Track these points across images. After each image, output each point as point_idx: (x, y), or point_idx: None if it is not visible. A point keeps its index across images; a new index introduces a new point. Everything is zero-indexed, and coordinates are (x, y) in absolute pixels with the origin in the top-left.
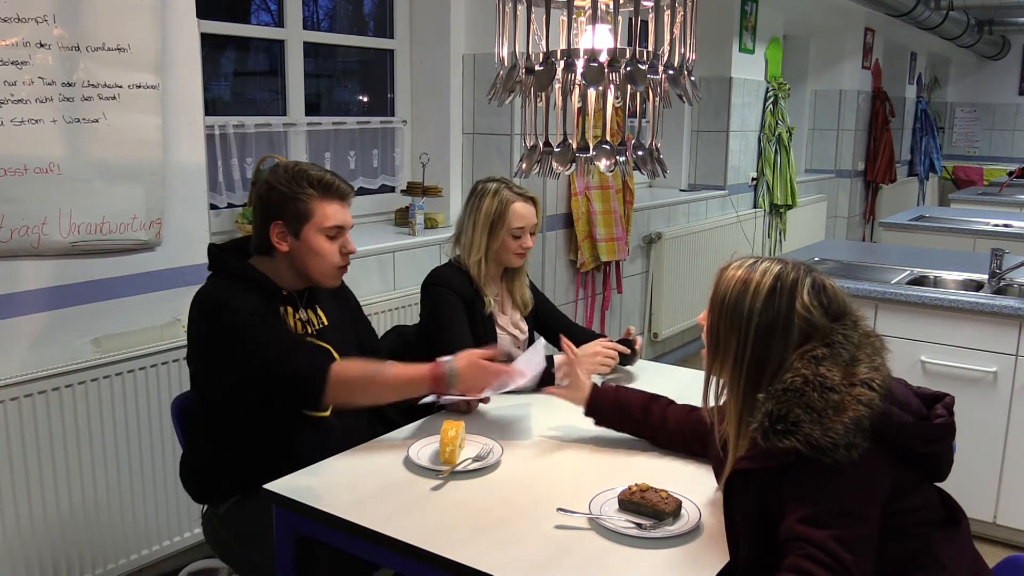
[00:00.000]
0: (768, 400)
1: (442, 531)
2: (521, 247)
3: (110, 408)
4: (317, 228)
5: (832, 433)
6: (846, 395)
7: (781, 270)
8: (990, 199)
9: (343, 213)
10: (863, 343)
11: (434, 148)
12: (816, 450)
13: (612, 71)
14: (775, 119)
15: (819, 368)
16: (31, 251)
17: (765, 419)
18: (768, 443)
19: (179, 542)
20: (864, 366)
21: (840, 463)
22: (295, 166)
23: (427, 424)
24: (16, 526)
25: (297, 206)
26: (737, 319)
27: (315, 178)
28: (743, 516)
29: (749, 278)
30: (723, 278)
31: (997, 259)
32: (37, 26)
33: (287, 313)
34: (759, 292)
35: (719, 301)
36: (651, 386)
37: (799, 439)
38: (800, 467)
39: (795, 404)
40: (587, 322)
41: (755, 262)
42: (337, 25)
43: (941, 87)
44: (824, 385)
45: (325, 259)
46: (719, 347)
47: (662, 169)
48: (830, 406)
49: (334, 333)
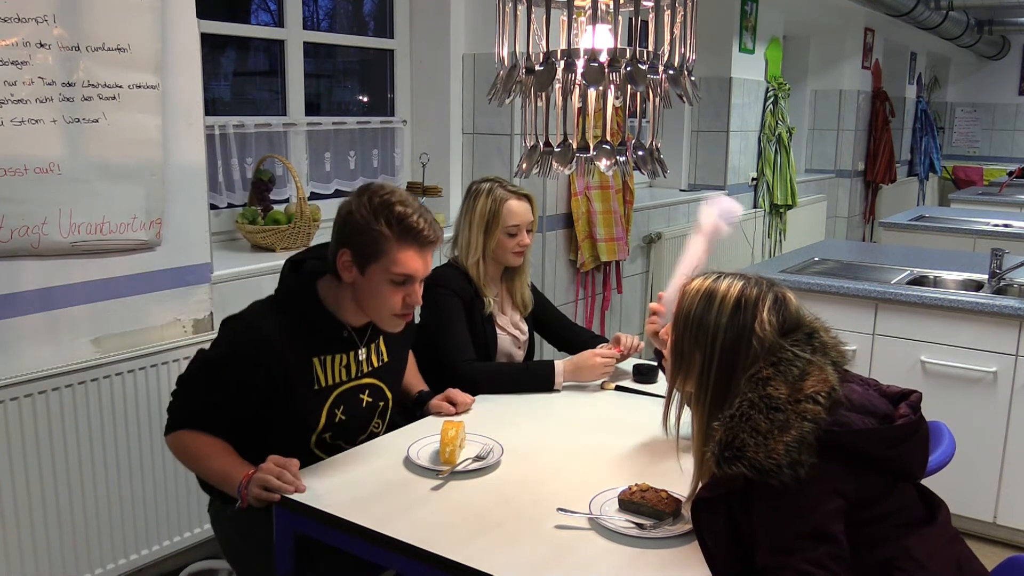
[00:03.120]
0: (720, 427)
1: (442, 531)
2: (519, 245)
3: (110, 408)
4: (384, 270)
5: (774, 455)
6: (791, 413)
7: (745, 285)
8: (990, 199)
9: (417, 262)
10: (816, 355)
11: (434, 148)
12: (761, 473)
13: (612, 71)
14: (775, 119)
15: (765, 389)
16: (31, 251)
17: (716, 446)
18: (720, 470)
19: (179, 542)
20: (812, 379)
21: (787, 484)
22: (385, 194)
23: (427, 424)
24: (16, 526)
25: (369, 240)
26: (702, 334)
27: (397, 216)
28: (714, 540)
29: (714, 292)
30: (687, 292)
31: (997, 259)
32: (37, 26)
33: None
34: (724, 306)
35: (683, 315)
36: (650, 386)
37: (744, 464)
38: (754, 492)
39: (740, 429)
40: (587, 322)
41: (719, 276)
42: (337, 25)
43: (941, 87)
44: (770, 406)
45: (384, 304)
46: (683, 362)
47: (662, 169)
48: (776, 426)
49: (391, 372)
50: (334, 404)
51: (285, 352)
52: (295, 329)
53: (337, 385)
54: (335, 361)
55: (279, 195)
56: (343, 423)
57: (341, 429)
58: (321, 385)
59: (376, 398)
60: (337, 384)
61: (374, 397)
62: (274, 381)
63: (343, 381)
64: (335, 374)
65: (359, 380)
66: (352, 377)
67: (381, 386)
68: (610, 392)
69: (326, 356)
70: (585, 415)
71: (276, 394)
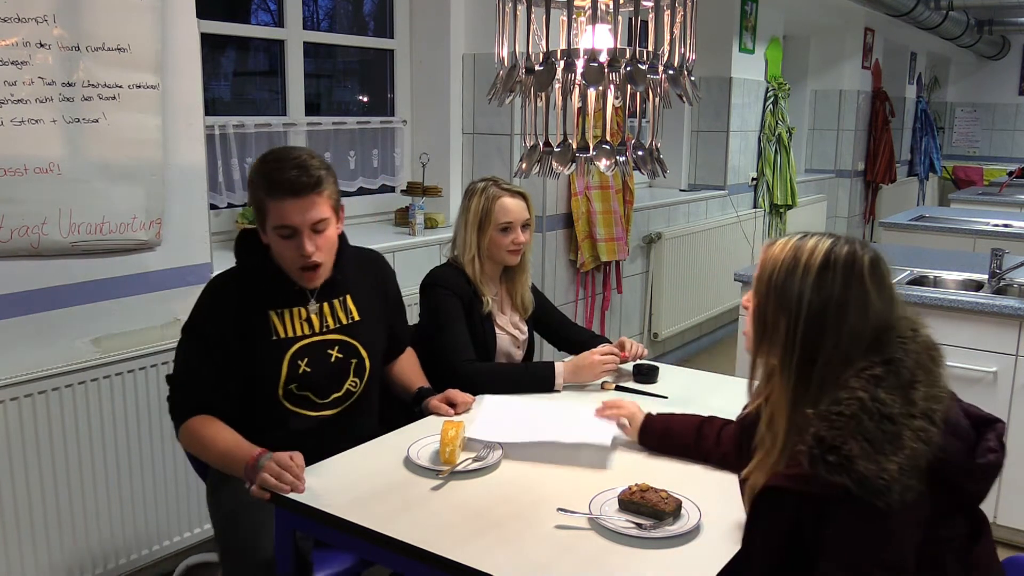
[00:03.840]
0: (819, 421)
1: (442, 531)
2: (513, 243)
3: (110, 408)
4: (272, 227)
5: (886, 474)
6: (904, 428)
7: (834, 243)
8: (990, 199)
9: (293, 212)
10: (921, 358)
11: (434, 148)
12: (869, 492)
13: (612, 71)
14: (775, 119)
15: (878, 391)
16: (31, 251)
17: (816, 445)
18: (815, 471)
19: (179, 542)
20: (922, 389)
21: (892, 507)
22: (267, 156)
23: (427, 424)
24: (16, 526)
25: (255, 202)
26: (787, 299)
27: (266, 172)
28: (763, 539)
29: (798, 254)
30: (769, 255)
31: (997, 259)
32: (37, 26)
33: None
34: (810, 269)
35: (766, 279)
36: (651, 386)
37: (852, 477)
38: (845, 504)
39: (850, 435)
40: (587, 322)
41: (804, 235)
42: (337, 25)
43: (941, 87)
44: (882, 413)
45: (284, 259)
46: (766, 330)
47: (662, 169)
48: (887, 440)
49: (365, 329)
50: (296, 356)
51: (243, 305)
52: (250, 285)
53: (299, 338)
54: (293, 315)
55: None
56: (308, 375)
57: (306, 380)
58: (280, 336)
59: (348, 355)
60: (298, 337)
61: (345, 354)
62: (239, 330)
63: (305, 335)
64: (294, 327)
65: (325, 335)
66: (316, 331)
67: (354, 344)
68: (610, 392)
69: (282, 310)
70: (585, 415)
71: (242, 343)
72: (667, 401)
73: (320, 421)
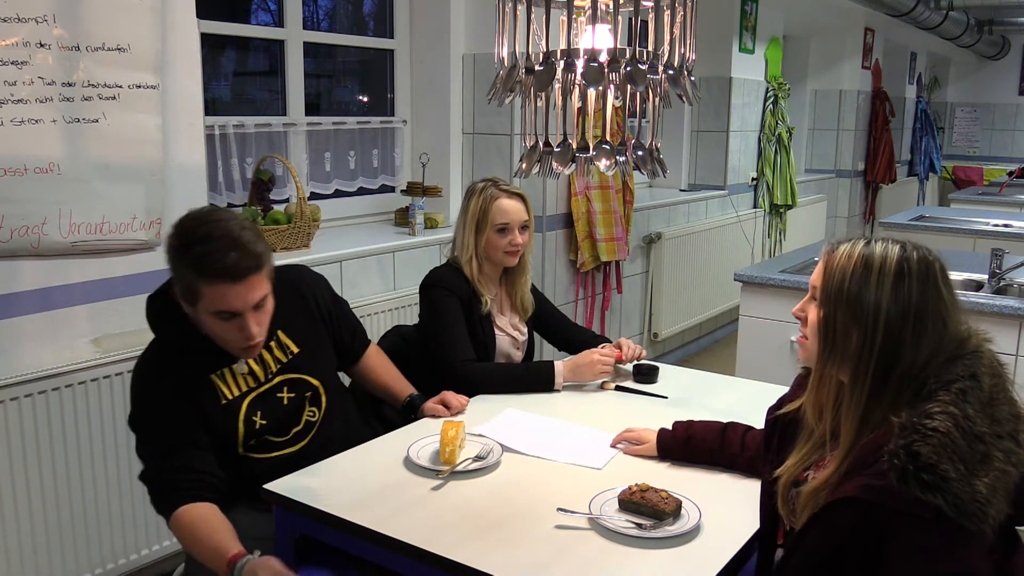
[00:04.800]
0: (909, 432)
1: (442, 531)
2: (510, 244)
3: (110, 408)
4: (206, 309)
5: (980, 497)
6: (993, 447)
7: (903, 250)
8: (990, 199)
9: (233, 296)
10: (996, 371)
11: (434, 148)
12: (964, 516)
13: (612, 71)
14: (775, 119)
15: (966, 408)
16: (31, 251)
17: (909, 461)
18: (902, 486)
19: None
20: (1003, 408)
21: (982, 531)
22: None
23: (427, 424)
24: (16, 526)
25: (183, 282)
26: (861, 310)
27: (197, 256)
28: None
29: (869, 262)
30: (834, 264)
31: (997, 259)
32: (37, 26)
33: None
34: (885, 277)
35: (835, 289)
36: (651, 386)
37: (946, 498)
38: (932, 524)
39: (946, 455)
40: (587, 322)
41: (868, 243)
42: (337, 25)
43: (941, 87)
44: (972, 431)
45: (223, 339)
46: (836, 343)
47: (662, 169)
48: (977, 459)
49: (307, 358)
50: (249, 412)
51: (181, 379)
52: (180, 358)
53: (246, 394)
54: (234, 373)
55: (279, 195)
56: (265, 427)
57: (264, 430)
58: (228, 399)
59: (299, 391)
60: (245, 393)
61: (296, 391)
62: (189, 400)
63: (251, 388)
64: (238, 384)
65: (271, 381)
66: (262, 382)
67: (302, 377)
68: (610, 392)
69: (222, 370)
70: (585, 415)
71: (195, 408)
72: (667, 401)
73: (284, 458)
